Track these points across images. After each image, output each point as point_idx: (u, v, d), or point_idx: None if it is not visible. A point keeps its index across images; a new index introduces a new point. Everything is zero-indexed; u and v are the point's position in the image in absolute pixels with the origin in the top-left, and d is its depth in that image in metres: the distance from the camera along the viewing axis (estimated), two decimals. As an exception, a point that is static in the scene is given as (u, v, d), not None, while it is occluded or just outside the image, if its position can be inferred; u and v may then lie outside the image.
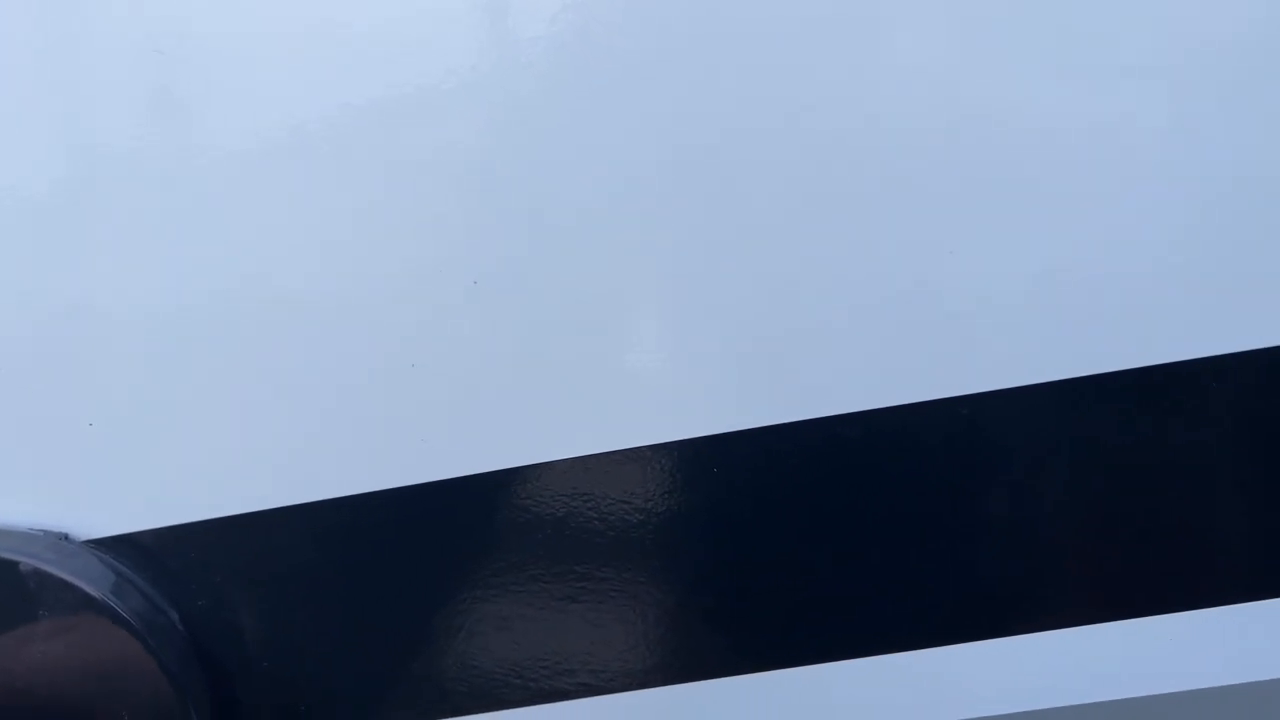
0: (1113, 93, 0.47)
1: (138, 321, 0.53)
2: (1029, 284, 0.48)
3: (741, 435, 0.47)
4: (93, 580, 0.53)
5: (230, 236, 0.51)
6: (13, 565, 0.53)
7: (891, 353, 0.49)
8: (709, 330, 0.47)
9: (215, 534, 0.55)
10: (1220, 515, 0.50)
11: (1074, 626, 0.50)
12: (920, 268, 0.47)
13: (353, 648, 0.55)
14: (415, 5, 0.48)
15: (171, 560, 0.55)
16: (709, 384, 0.48)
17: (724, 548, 0.50)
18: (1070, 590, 0.51)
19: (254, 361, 0.53)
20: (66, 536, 0.55)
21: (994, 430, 0.49)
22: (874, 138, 0.47)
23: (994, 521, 0.50)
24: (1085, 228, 0.47)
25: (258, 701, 0.56)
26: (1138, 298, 0.48)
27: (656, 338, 0.48)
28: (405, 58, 0.48)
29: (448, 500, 0.52)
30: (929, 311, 0.47)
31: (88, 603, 0.53)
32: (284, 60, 0.49)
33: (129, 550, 0.55)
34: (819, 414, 0.47)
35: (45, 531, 0.55)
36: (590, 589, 0.51)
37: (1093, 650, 0.50)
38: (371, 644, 0.55)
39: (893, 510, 0.49)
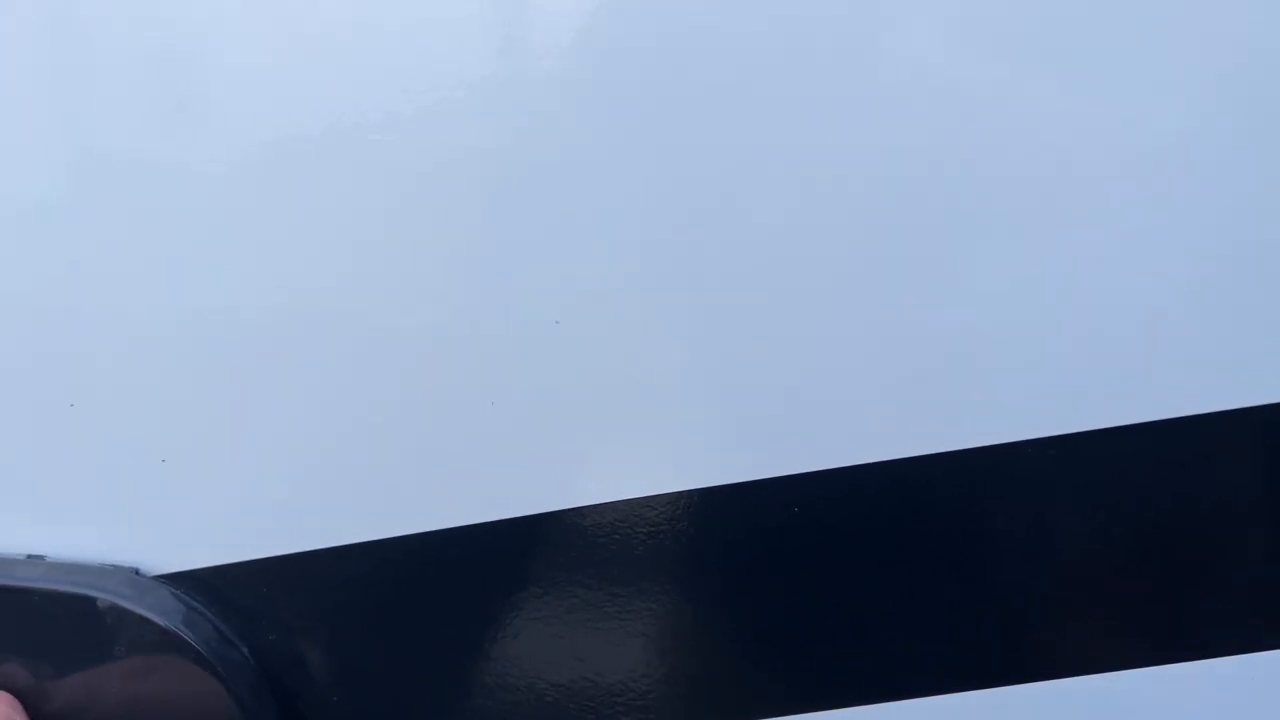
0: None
1: (211, 358, 0.53)
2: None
3: (833, 474, 0.48)
4: (167, 615, 0.54)
5: (305, 276, 0.52)
6: (90, 600, 0.54)
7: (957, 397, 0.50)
8: (806, 368, 0.48)
9: (284, 570, 0.55)
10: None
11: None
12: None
13: (419, 683, 0.56)
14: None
15: (240, 595, 0.56)
16: (807, 422, 0.49)
17: (811, 588, 0.51)
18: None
19: (327, 397, 0.53)
20: (138, 571, 0.56)
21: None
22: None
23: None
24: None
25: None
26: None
27: (749, 377, 0.49)
28: (467, 70, 0.49)
29: (524, 537, 0.53)
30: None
31: (164, 637, 0.54)
32: (357, 72, 0.50)
33: (198, 585, 0.56)
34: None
35: (117, 566, 0.56)
36: (670, 628, 0.52)
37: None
38: (441, 680, 0.56)
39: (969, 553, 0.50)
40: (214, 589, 0.56)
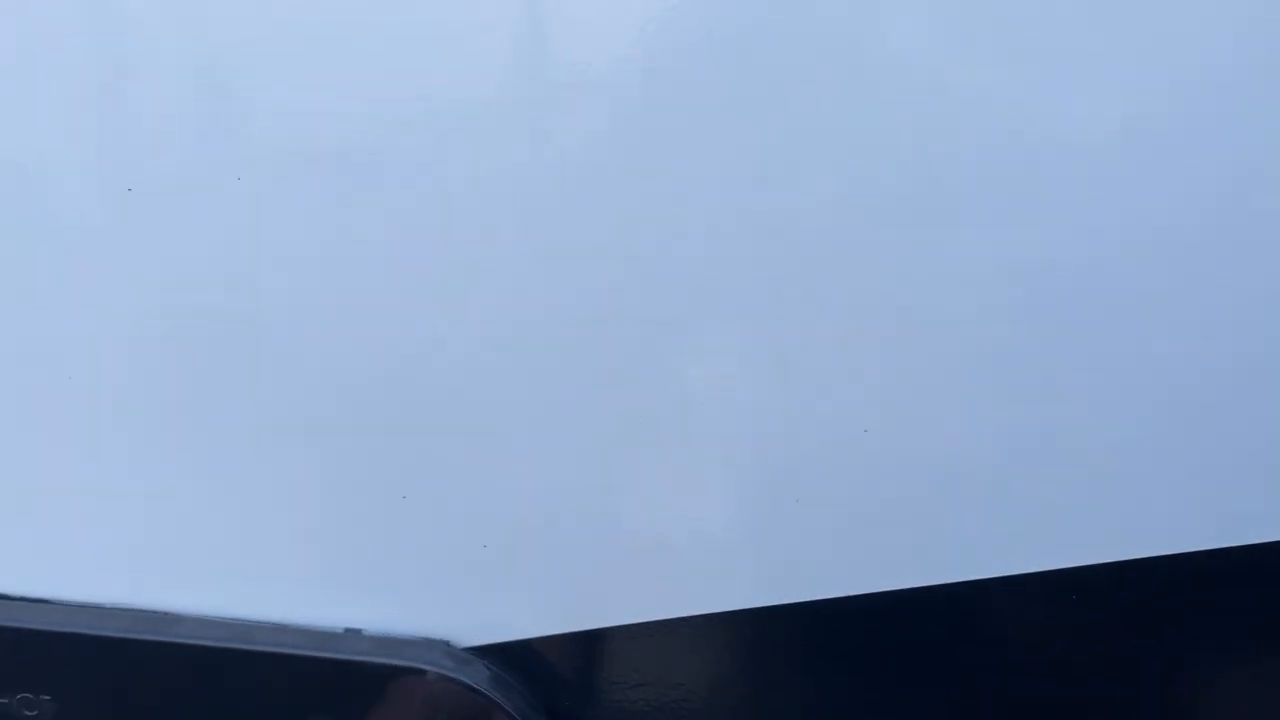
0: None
1: (537, 457, 0.59)
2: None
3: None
4: (486, 685, 0.60)
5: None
6: (420, 673, 0.59)
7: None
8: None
9: (579, 645, 0.61)
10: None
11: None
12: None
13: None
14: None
15: (539, 666, 0.62)
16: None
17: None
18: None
19: (635, 487, 0.59)
20: (448, 644, 0.61)
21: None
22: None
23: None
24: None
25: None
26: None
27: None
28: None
29: (814, 621, 0.59)
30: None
31: (487, 707, 0.59)
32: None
33: (503, 657, 0.61)
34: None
35: (430, 640, 0.61)
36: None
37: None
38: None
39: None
40: (517, 660, 0.61)
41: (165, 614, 0.63)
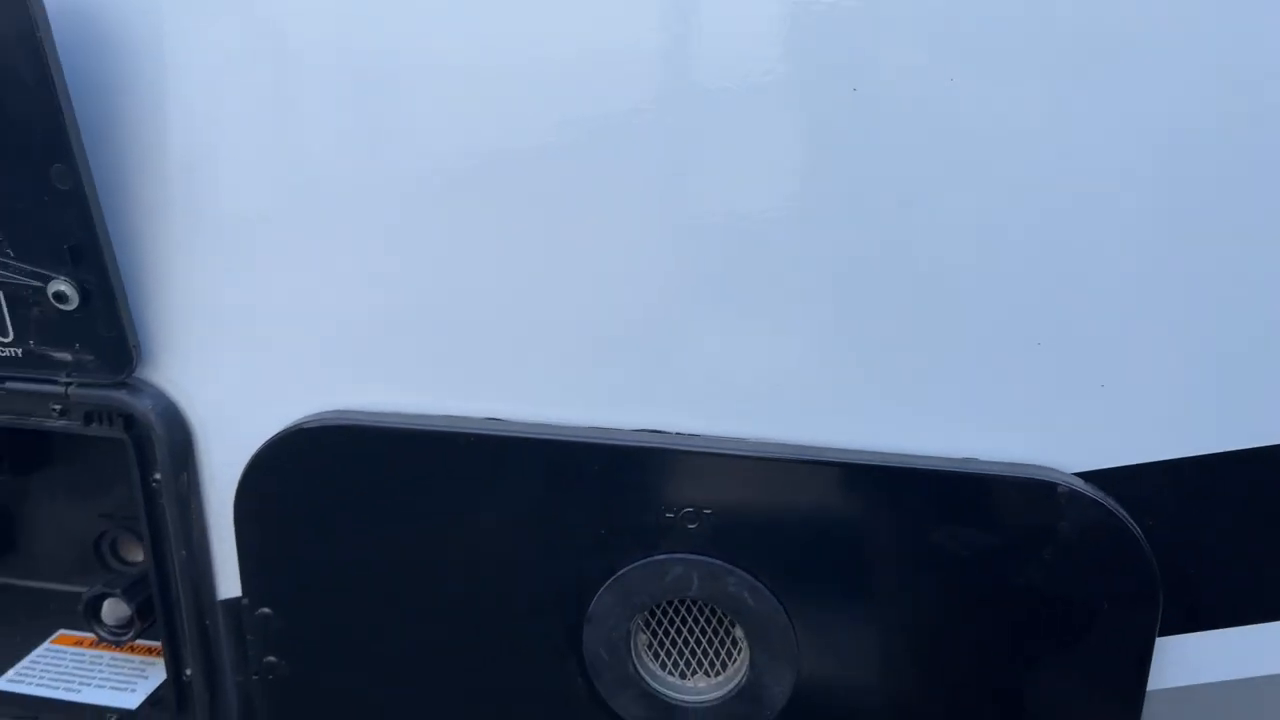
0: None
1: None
2: None
3: None
4: (1105, 498, 0.72)
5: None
6: (1052, 486, 0.72)
7: None
8: None
9: (1167, 473, 0.73)
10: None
11: None
12: None
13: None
14: None
15: (1132, 487, 0.73)
16: None
17: None
18: None
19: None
20: (1053, 469, 0.73)
21: None
22: None
23: None
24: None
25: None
26: None
27: None
28: None
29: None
30: None
31: (1106, 515, 0.71)
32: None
33: (1095, 480, 0.73)
34: None
35: (1039, 465, 0.73)
36: None
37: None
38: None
39: None
40: (1110, 484, 0.73)
41: (804, 444, 0.75)
